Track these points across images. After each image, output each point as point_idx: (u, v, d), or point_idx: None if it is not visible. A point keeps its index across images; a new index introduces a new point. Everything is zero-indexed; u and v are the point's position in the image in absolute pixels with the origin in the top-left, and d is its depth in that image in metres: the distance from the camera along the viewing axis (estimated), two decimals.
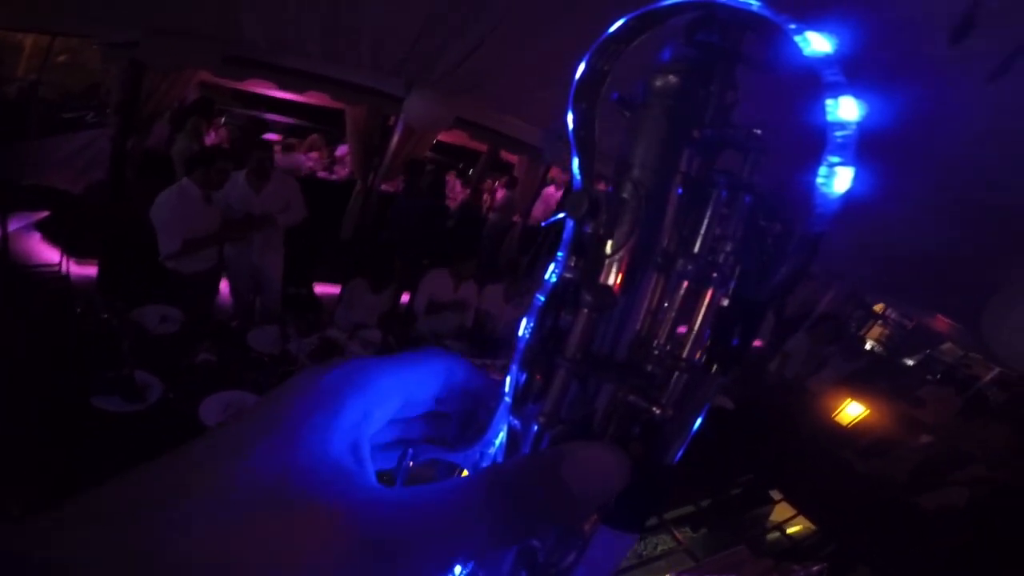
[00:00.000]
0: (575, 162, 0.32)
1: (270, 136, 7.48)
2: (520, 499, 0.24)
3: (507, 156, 8.16)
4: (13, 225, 4.32)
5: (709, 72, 0.28)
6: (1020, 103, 1.94)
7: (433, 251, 4.97)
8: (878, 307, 9.67)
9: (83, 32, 4.21)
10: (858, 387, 5.28)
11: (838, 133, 0.24)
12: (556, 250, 0.31)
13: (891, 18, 1.73)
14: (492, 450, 0.32)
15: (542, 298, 0.30)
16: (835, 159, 0.25)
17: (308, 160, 7.16)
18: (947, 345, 8.27)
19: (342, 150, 7.34)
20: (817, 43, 0.24)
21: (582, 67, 0.30)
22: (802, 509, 3.69)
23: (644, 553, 2.77)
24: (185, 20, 3.72)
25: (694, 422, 0.29)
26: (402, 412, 0.31)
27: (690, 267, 0.29)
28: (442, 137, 6.82)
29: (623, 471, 0.26)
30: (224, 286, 3.92)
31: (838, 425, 5.10)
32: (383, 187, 6.39)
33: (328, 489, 0.22)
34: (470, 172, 9.07)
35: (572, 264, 0.30)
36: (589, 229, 0.29)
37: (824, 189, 0.25)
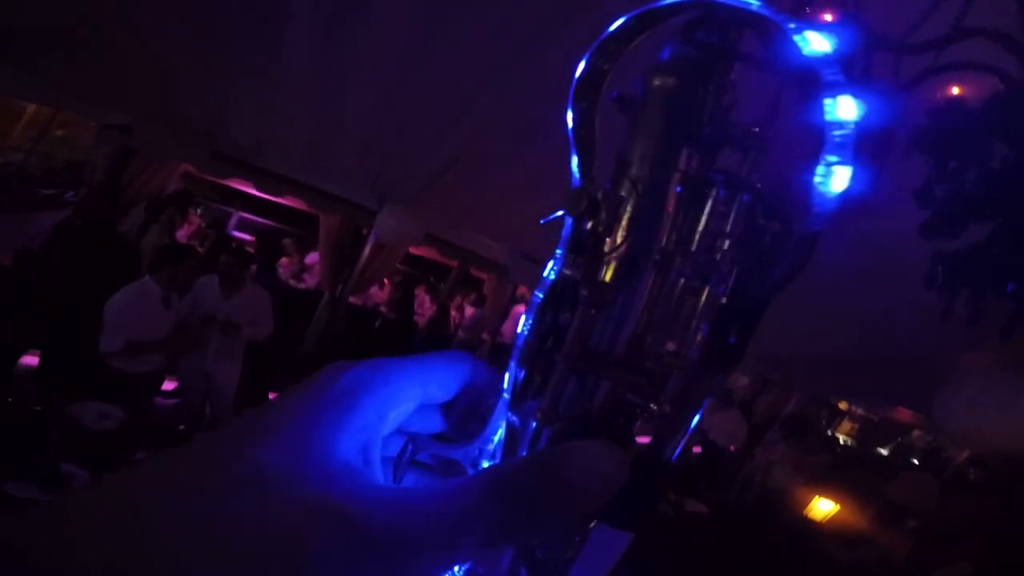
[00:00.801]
0: (574, 160, 0.32)
1: (242, 235, 7.52)
2: (520, 498, 0.24)
3: (477, 272, 8.32)
4: None
5: (708, 71, 0.29)
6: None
7: None
8: (842, 404, 10.04)
9: (84, 110, 4.30)
10: (832, 481, 5.39)
11: (836, 132, 0.25)
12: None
13: None
14: (491, 447, 0.32)
15: (541, 295, 0.30)
16: (833, 158, 0.25)
17: (279, 267, 7.16)
18: (916, 432, 8.50)
19: (312, 257, 7.37)
20: (816, 42, 0.25)
21: (582, 66, 0.31)
22: None
23: None
24: (179, 111, 3.86)
25: (692, 419, 0.29)
26: (419, 412, 0.32)
27: (688, 265, 0.29)
28: (413, 250, 6.97)
29: (621, 469, 0.26)
30: (170, 385, 3.73)
31: (812, 522, 5.14)
32: (351, 299, 6.37)
33: (335, 486, 0.23)
34: (440, 286, 9.18)
35: (571, 262, 0.30)
36: (588, 227, 0.29)
37: (822, 188, 0.25)
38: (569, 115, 0.32)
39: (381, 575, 0.22)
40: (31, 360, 3.95)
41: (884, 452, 9.08)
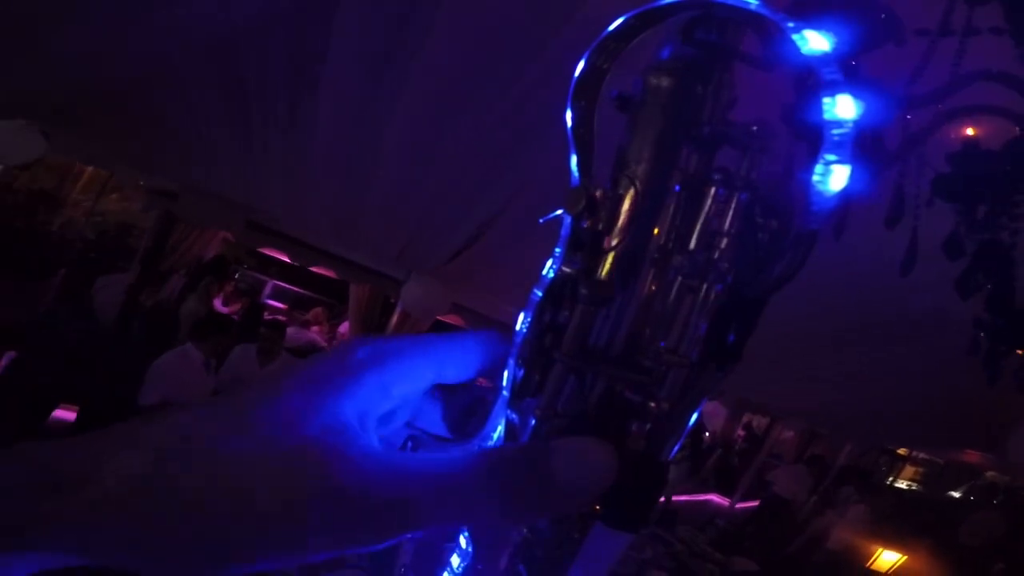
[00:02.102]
0: (573, 159, 0.32)
1: (275, 303, 7.68)
2: (512, 482, 0.25)
3: None
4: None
5: (707, 70, 0.29)
6: None
7: None
8: (902, 451, 9.67)
9: (132, 175, 4.55)
10: (896, 528, 5.12)
11: (835, 131, 0.25)
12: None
13: None
14: (490, 443, 0.32)
15: (539, 293, 0.31)
16: (832, 157, 0.25)
17: (312, 334, 7.25)
18: (990, 473, 8.01)
19: (344, 327, 7.47)
20: (815, 41, 0.25)
21: (581, 64, 0.32)
22: None
23: None
24: (217, 181, 4.06)
25: (690, 418, 0.29)
26: (431, 400, 0.33)
27: (687, 263, 0.29)
28: (443, 318, 7.01)
29: (609, 466, 0.25)
30: None
31: (875, 574, 4.84)
32: None
33: (326, 441, 0.24)
34: None
35: (569, 260, 0.30)
36: (586, 225, 0.30)
37: (820, 187, 0.25)
38: (568, 114, 0.32)
39: (356, 523, 0.24)
40: (65, 415, 4.00)
41: (956, 495, 8.60)
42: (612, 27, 0.31)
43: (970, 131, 1.51)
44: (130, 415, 2.82)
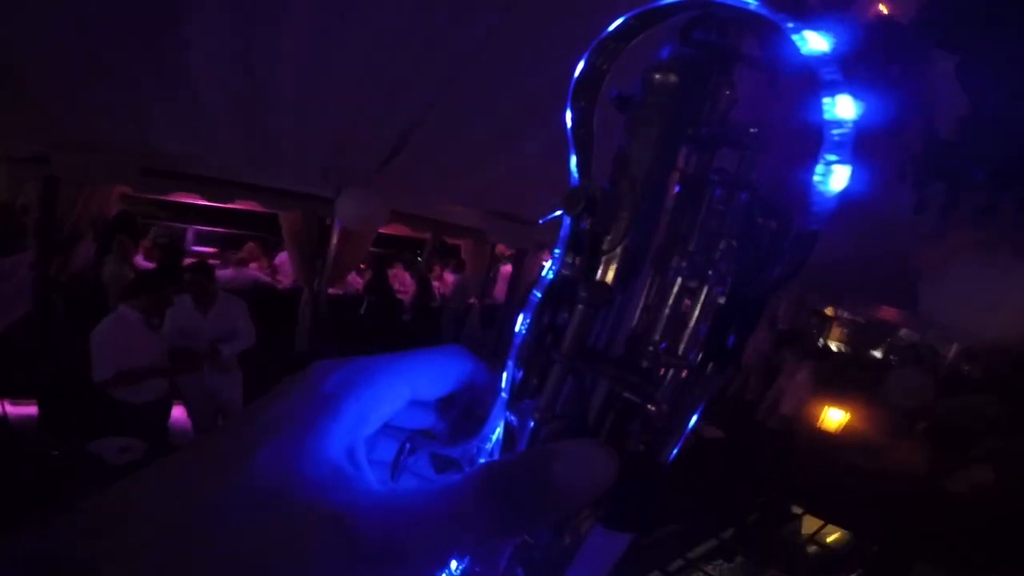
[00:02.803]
0: (572, 159, 0.31)
1: (203, 248, 7.28)
2: (511, 498, 0.25)
3: (452, 240, 8.21)
4: None
5: (706, 70, 0.29)
6: None
7: (390, 347, 4.87)
8: (828, 311, 10.14)
9: None
10: (831, 389, 5.41)
11: (835, 131, 0.25)
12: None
13: None
14: (489, 445, 0.32)
15: (539, 294, 0.30)
16: (832, 157, 0.25)
17: (251, 272, 6.97)
18: (904, 331, 8.59)
19: (281, 258, 7.18)
20: (814, 41, 0.25)
21: (581, 65, 0.31)
22: (829, 517, 3.66)
23: None
24: (96, 133, 3.67)
25: (689, 420, 0.29)
26: (412, 410, 0.32)
27: (686, 264, 0.29)
28: (384, 230, 6.81)
29: (611, 469, 0.26)
30: (179, 412, 3.69)
31: (827, 432, 5.15)
32: (330, 290, 6.23)
33: (327, 493, 0.23)
34: (417, 260, 9.04)
35: (569, 261, 0.30)
36: (586, 226, 0.29)
37: (820, 187, 0.26)
38: (568, 114, 0.31)
39: (370, 571, 0.22)
40: (24, 410, 3.80)
41: (877, 354, 9.08)
42: (612, 27, 0.30)
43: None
44: (91, 397, 2.71)
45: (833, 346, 10.19)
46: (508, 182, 4.32)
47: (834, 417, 5.22)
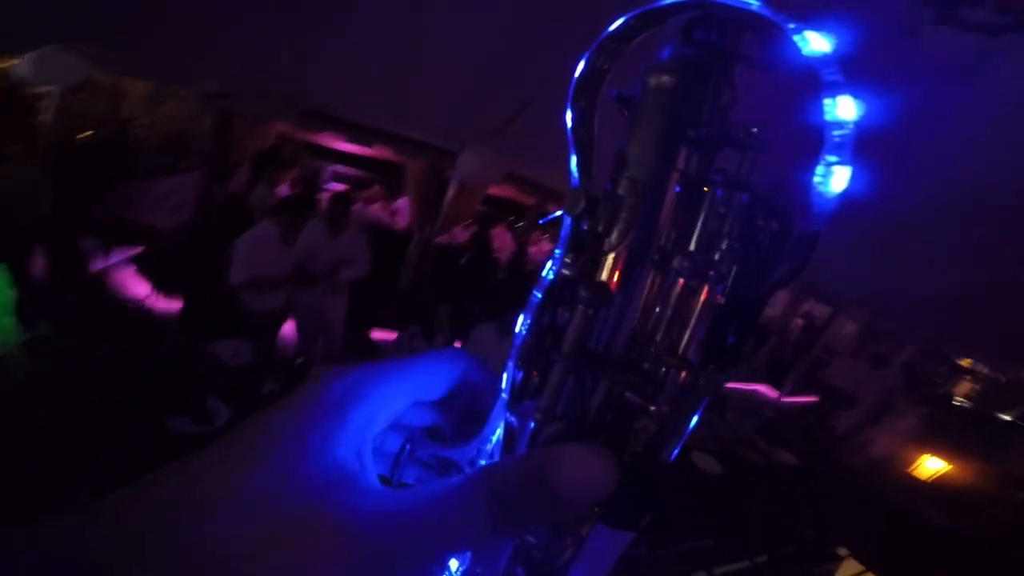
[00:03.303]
0: (573, 160, 0.32)
1: (337, 186, 8.00)
2: (508, 501, 0.25)
3: (556, 210, 8.33)
4: (114, 258, 4.73)
5: (707, 71, 0.28)
6: None
7: (481, 303, 5.16)
8: (965, 362, 9.13)
9: (184, 82, 4.69)
10: (935, 439, 4.98)
11: (836, 132, 0.25)
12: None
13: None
14: (489, 446, 0.32)
15: (539, 295, 0.31)
16: (832, 158, 0.25)
17: (374, 211, 7.59)
18: None
19: (401, 203, 7.74)
20: (816, 42, 0.25)
21: (581, 65, 0.31)
22: (872, 566, 3.42)
23: None
24: (270, 75, 4.09)
25: (690, 420, 0.29)
26: (412, 411, 0.33)
27: (687, 265, 0.29)
28: (493, 191, 7.14)
29: (610, 475, 0.25)
30: (290, 326, 4.16)
31: (915, 480, 4.78)
32: (438, 239, 6.71)
33: (334, 498, 0.24)
34: (519, 224, 9.33)
35: (569, 261, 0.31)
36: (586, 226, 0.30)
37: (821, 188, 0.25)
38: (568, 115, 0.32)
39: (374, 571, 0.23)
40: (172, 304, 4.52)
41: (1006, 417, 8.06)
42: (612, 28, 0.30)
43: None
44: (227, 300, 3.22)
45: (957, 400, 9.04)
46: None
47: (931, 466, 4.80)
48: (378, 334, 5.14)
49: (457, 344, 4.53)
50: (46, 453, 2.44)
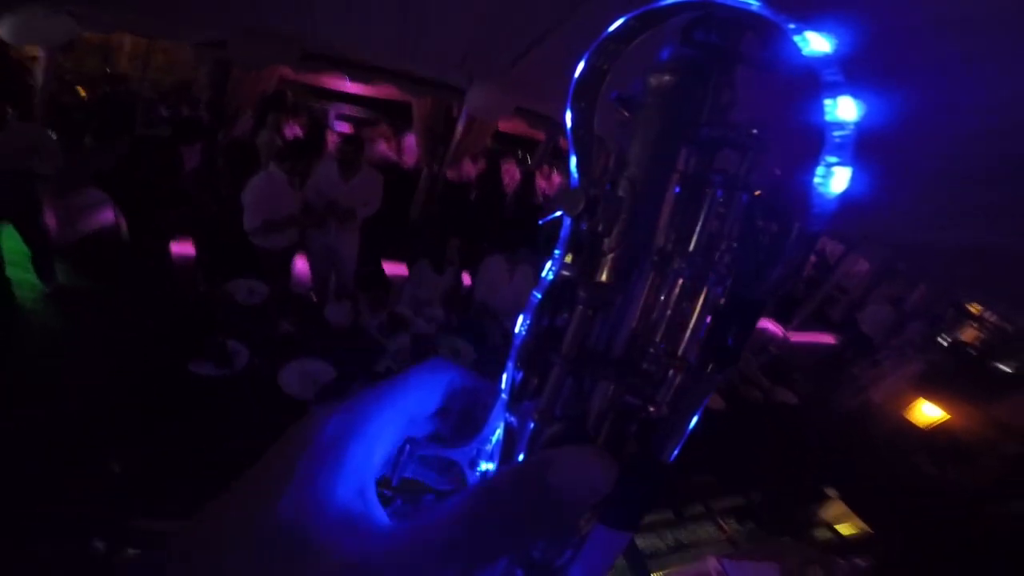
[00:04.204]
0: (572, 160, 0.32)
1: (342, 126, 7.87)
2: (511, 512, 0.25)
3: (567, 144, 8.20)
4: (123, 210, 4.72)
5: (707, 71, 0.28)
6: None
7: (490, 236, 5.15)
8: (974, 307, 8.93)
9: (177, 34, 4.59)
10: (935, 385, 4.94)
11: (836, 133, 0.25)
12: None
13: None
14: (489, 446, 0.32)
15: (539, 296, 0.31)
16: (833, 159, 0.25)
17: (381, 149, 7.50)
18: None
19: (408, 140, 7.63)
20: (816, 43, 0.24)
21: (581, 66, 0.31)
22: (856, 508, 3.53)
23: (686, 541, 2.74)
24: (267, 20, 3.98)
25: (690, 421, 0.29)
26: (407, 429, 0.33)
27: (686, 266, 0.29)
28: (502, 126, 6.98)
29: (609, 475, 0.26)
30: (303, 262, 4.23)
31: (911, 426, 4.79)
32: (448, 174, 6.64)
33: (340, 542, 0.25)
34: (528, 160, 9.19)
35: (569, 262, 0.31)
36: (586, 227, 0.30)
37: (822, 189, 0.25)
38: (568, 115, 0.32)
39: None
40: (183, 248, 4.54)
41: (1007, 368, 7.88)
42: (612, 28, 0.30)
43: None
44: (234, 242, 3.26)
45: (962, 347, 8.86)
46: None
47: (928, 412, 4.76)
48: (390, 268, 5.18)
49: (466, 276, 4.57)
50: (79, 403, 2.52)
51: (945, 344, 7.75)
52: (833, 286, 7.60)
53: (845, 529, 3.43)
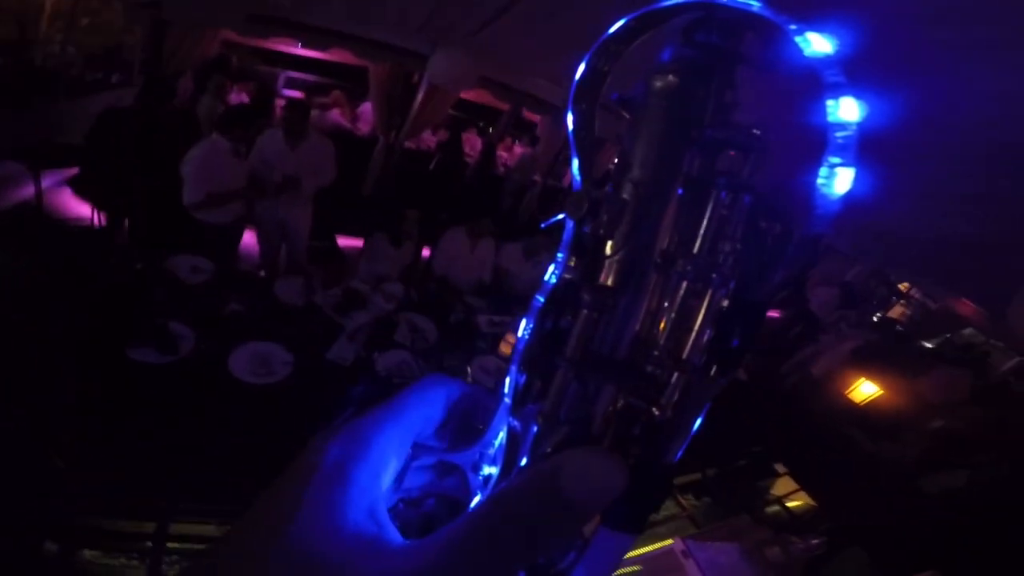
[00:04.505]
0: (575, 162, 0.32)
1: (292, 92, 7.51)
2: (526, 522, 0.25)
3: (530, 116, 8.09)
4: (46, 182, 4.42)
5: (709, 72, 0.27)
6: None
7: (450, 207, 5.03)
8: (903, 286, 9.45)
9: None
10: (869, 362, 5.18)
11: (839, 134, 0.24)
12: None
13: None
14: (492, 451, 0.32)
15: (542, 299, 0.30)
16: (836, 160, 0.25)
17: (334, 116, 7.20)
18: (968, 330, 8.02)
19: (364, 108, 7.34)
20: (818, 44, 0.24)
21: (582, 67, 0.30)
22: (803, 484, 3.69)
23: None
24: None
25: (693, 423, 0.29)
26: (412, 448, 0.33)
27: (690, 268, 0.28)
28: (465, 95, 6.79)
29: (620, 476, 0.25)
30: (251, 237, 4.02)
31: (850, 402, 5.03)
32: (406, 144, 6.42)
33: (354, 560, 0.25)
34: (490, 130, 9.03)
35: (572, 265, 0.30)
36: (589, 229, 0.29)
37: (825, 190, 0.25)
38: (569, 117, 0.31)
39: None
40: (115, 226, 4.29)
41: (928, 344, 8.29)
42: (612, 29, 0.29)
43: None
44: (175, 216, 3.04)
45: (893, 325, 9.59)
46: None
47: (865, 391, 4.97)
48: (344, 241, 5.02)
49: (426, 249, 4.43)
50: (10, 396, 2.33)
51: (875, 321, 8.14)
52: None
53: (793, 504, 3.59)
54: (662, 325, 0.29)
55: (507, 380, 0.31)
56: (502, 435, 0.32)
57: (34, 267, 3.30)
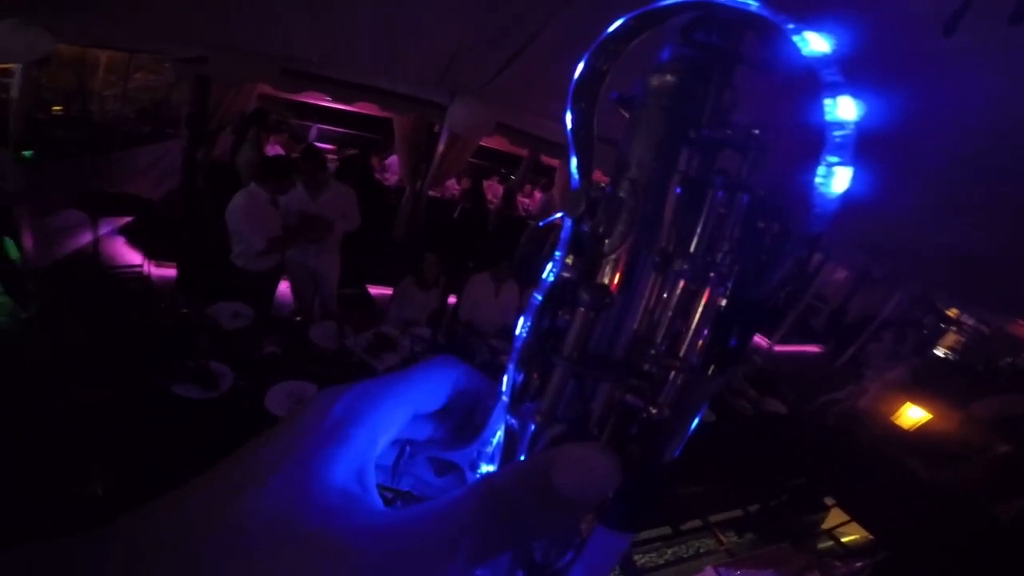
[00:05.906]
0: (573, 161, 0.32)
1: (323, 145, 7.87)
2: (514, 508, 0.25)
3: (549, 160, 8.30)
4: (102, 230, 4.71)
5: (707, 72, 0.28)
6: None
7: (476, 254, 5.16)
8: (952, 312, 9.12)
9: (157, 50, 4.55)
10: (920, 389, 5.01)
11: (836, 133, 0.25)
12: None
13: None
14: (489, 448, 0.32)
15: (539, 297, 0.30)
16: (834, 159, 0.25)
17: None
18: None
19: (391, 159, 7.64)
20: (815, 43, 0.24)
21: (581, 66, 0.31)
22: (855, 516, 3.51)
23: (685, 555, 2.73)
24: (247, 37, 3.96)
25: (691, 422, 0.29)
26: (412, 423, 0.33)
27: (688, 267, 0.28)
28: (485, 143, 7.02)
29: (613, 473, 0.25)
30: (285, 285, 4.17)
31: (900, 431, 4.84)
32: (431, 193, 6.63)
33: (336, 522, 0.24)
34: (511, 177, 9.27)
35: (570, 263, 0.30)
36: (587, 228, 0.30)
37: (823, 189, 0.25)
38: (568, 116, 0.31)
39: None
40: (164, 271, 4.53)
41: (981, 368, 8.01)
42: (611, 28, 0.30)
43: None
44: (216, 265, 3.23)
45: (940, 352, 9.10)
46: (614, 109, 4.25)
47: (913, 415, 4.82)
48: (374, 289, 5.15)
49: (452, 297, 4.53)
50: (56, 432, 2.45)
51: (930, 349, 7.88)
52: (813, 296, 7.70)
53: (847, 538, 3.42)
54: (660, 324, 0.29)
55: (505, 378, 0.31)
56: (500, 433, 0.31)
57: (91, 312, 3.48)
